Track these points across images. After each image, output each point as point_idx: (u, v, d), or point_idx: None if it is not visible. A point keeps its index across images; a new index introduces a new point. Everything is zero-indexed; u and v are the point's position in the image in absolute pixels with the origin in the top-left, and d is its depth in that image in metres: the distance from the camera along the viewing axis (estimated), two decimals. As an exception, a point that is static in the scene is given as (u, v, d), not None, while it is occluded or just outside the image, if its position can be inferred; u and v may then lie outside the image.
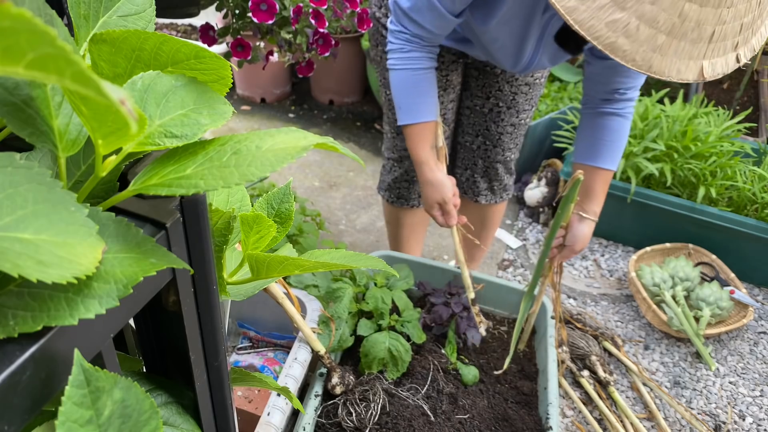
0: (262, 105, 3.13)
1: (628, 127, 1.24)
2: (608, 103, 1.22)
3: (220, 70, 0.42)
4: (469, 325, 1.34)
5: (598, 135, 1.24)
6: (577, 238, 1.27)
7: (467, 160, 1.55)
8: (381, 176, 1.65)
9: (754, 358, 1.72)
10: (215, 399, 0.50)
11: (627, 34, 0.77)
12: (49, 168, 0.38)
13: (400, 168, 1.54)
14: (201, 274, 0.42)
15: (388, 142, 1.53)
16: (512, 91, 1.40)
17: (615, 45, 0.77)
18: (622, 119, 1.23)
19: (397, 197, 1.61)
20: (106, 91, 0.22)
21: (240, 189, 0.65)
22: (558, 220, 1.23)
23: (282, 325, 1.33)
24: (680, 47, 0.78)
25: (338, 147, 0.43)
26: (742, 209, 1.95)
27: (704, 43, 0.79)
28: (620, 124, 1.23)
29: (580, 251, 1.32)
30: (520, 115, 1.45)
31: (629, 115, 1.23)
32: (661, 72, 0.79)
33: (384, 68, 1.38)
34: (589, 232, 1.28)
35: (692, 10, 0.75)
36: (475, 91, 1.42)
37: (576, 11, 0.76)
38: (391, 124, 1.48)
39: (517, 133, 1.48)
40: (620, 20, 0.76)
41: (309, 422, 1.06)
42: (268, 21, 1.09)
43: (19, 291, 0.30)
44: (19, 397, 0.28)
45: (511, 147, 1.51)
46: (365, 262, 0.60)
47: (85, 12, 0.43)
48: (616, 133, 1.23)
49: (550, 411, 1.18)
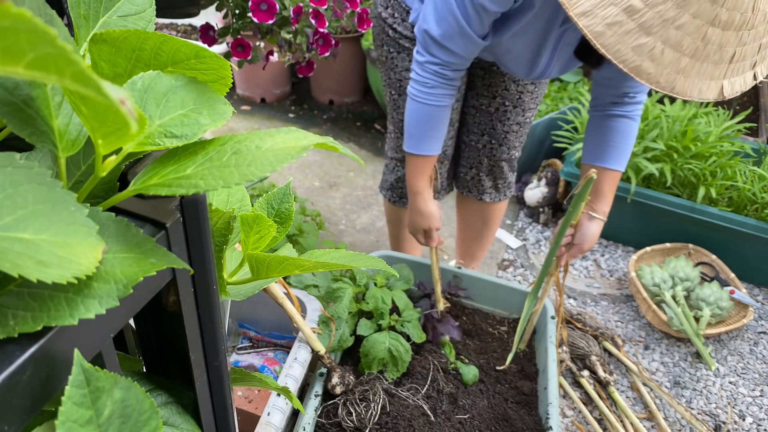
0: (262, 105, 3.13)
1: (636, 129, 1.25)
2: (617, 106, 1.24)
3: (220, 70, 0.42)
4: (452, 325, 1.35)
5: (607, 137, 1.26)
6: (586, 237, 1.29)
7: (472, 158, 1.55)
8: (383, 175, 1.65)
9: (754, 358, 1.72)
10: (215, 399, 0.50)
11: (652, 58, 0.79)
12: (49, 168, 0.38)
13: (403, 168, 1.54)
14: (201, 274, 0.42)
15: (392, 142, 1.53)
16: (518, 90, 1.40)
17: (640, 68, 0.79)
18: (631, 121, 1.24)
19: (399, 197, 1.61)
20: (107, 91, 0.22)
21: (240, 189, 0.65)
22: (569, 218, 1.24)
23: (282, 325, 1.33)
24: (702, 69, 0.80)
25: (338, 147, 0.43)
26: (742, 209, 1.95)
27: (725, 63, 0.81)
28: (628, 126, 1.24)
29: (588, 250, 1.34)
30: (525, 114, 1.45)
31: (637, 118, 1.24)
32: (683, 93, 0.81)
33: (389, 68, 1.38)
34: (597, 231, 1.30)
35: (715, 34, 0.78)
36: (480, 91, 1.42)
37: (603, 36, 0.78)
38: (395, 125, 1.48)
39: (522, 132, 1.49)
40: (646, 45, 0.78)
41: (309, 422, 1.06)
42: (268, 21, 1.09)
43: (19, 291, 0.30)
44: (19, 397, 0.28)
45: (516, 145, 1.51)
46: (365, 262, 0.60)
47: (85, 12, 0.43)
48: (624, 134, 1.25)
49: (550, 411, 1.18)
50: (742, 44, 0.80)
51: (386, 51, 1.37)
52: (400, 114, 1.43)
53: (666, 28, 0.77)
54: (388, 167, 1.60)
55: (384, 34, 1.35)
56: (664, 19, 0.76)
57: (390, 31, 1.32)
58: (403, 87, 1.38)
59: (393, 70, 1.38)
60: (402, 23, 1.30)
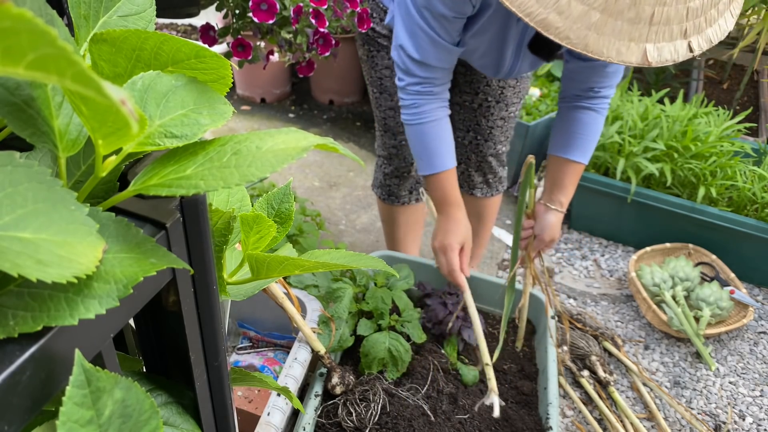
0: (262, 105, 3.13)
1: (601, 123, 1.26)
2: (582, 99, 1.25)
3: (220, 70, 0.42)
4: (464, 324, 1.34)
5: (572, 128, 1.27)
6: (544, 228, 1.29)
7: (460, 155, 1.56)
8: (375, 173, 1.66)
9: (754, 358, 1.72)
10: (215, 399, 0.50)
11: (559, 11, 0.75)
12: (49, 168, 0.38)
13: (390, 165, 1.56)
14: (201, 274, 0.42)
15: (378, 140, 1.55)
16: (500, 86, 1.41)
17: (547, 22, 0.75)
18: (596, 114, 1.25)
19: (388, 194, 1.62)
20: (107, 91, 0.22)
21: (240, 189, 0.65)
22: (520, 208, 1.25)
23: (282, 325, 1.33)
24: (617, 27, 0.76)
25: (338, 147, 0.43)
26: (742, 209, 1.95)
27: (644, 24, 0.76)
28: (593, 119, 1.25)
29: (552, 243, 1.31)
30: (509, 108, 1.46)
31: (603, 111, 1.25)
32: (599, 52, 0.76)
33: (370, 66, 1.40)
34: (556, 222, 1.29)
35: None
36: (463, 87, 1.44)
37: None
38: (379, 122, 1.50)
39: (507, 126, 1.50)
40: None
41: (309, 422, 1.06)
42: (268, 21, 1.09)
43: (19, 291, 0.30)
44: (19, 397, 0.28)
45: (502, 140, 1.52)
46: (365, 262, 0.60)
47: (85, 12, 0.43)
48: (588, 126, 1.25)
49: (550, 411, 1.18)
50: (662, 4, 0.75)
51: (366, 50, 1.38)
52: (382, 111, 1.45)
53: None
54: (377, 164, 1.62)
55: (364, 33, 1.36)
56: None
57: (369, 30, 1.33)
58: (384, 85, 1.40)
59: (373, 68, 1.39)
60: (380, 23, 1.31)
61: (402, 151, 1.52)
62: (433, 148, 1.21)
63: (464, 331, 1.33)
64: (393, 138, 1.49)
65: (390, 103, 1.42)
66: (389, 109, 1.44)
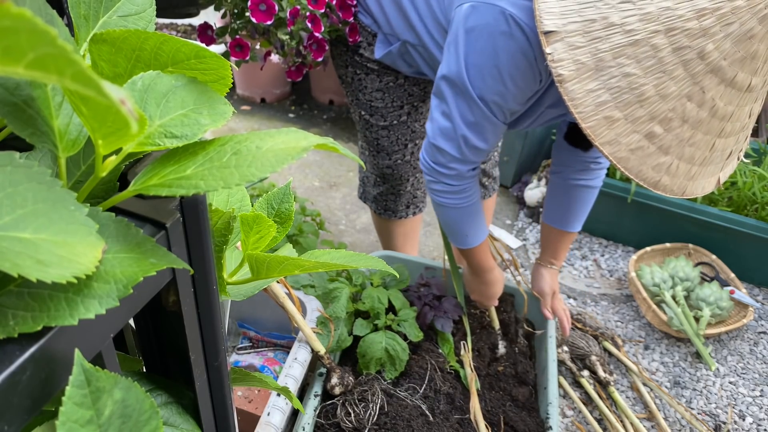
0: (262, 105, 3.13)
1: (596, 193, 1.30)
2: (583, 173, 1.25)
3: (220, 70, 0.42)
4: (437, 314, 1.34)
5: (572, 205, 1.29)
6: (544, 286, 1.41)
7: None
8: (363, 186, 1.60)
9: (754, 358, 1.72)
10: (215, 399, 0.50)
11: (669, 173, 0.85)
12: (49, 168, 0.38)
13: (385, 183, 1.51)
14: (201, 274, 0.42)
15: (369, 160, 1.49)
16: None
17: (658, 183, 0.86)
18: (594, 190, 1.28)
19: (385, 209, 1.58)
20: (107, 91, 0.22)
21: (240, 189, 0.65)
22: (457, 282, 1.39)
23: (282, 325, 1.33)
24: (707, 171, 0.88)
25: (338, 147, 0.43)
26: (742, 209, 1.95)
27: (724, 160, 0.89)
28: (592, 195, 1.28)
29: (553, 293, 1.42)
30: None
31: (600, 183, 1.28)
32: (692, 194, 0.89)
33: (356, 89, 1.34)
34: (553, 276, 1.42)
35: (721, 143, 0.85)
36: None
37: (627, 161, 0.83)
38: (369, 143, 1.43)
39: None
40: (664, 163, 0.84)
41: (308, 422, 1.06)
42: (266, 21, 1.09)
43: (19, 291, 0.30)
44: (19, 397, 0.28)
45: None
46: (365, 262, 0.60)
47: (85, 12, 0.43)
48: (587, 203, 1.29)
49: (550, 411, 1.18)
50: (738, 142, 0.88)
51: (352, 72, 1.32)
52: (374, 132, 1.39)
53: (681, 147, 0.83)
54: (369, 179, 1.56)
55: (347, 56, 1.30)
56: (680, 140, 0.82)
57: (356, 56, 1.27)
58: (375, 106, 1.34)
59: (362, 92, 1.33)
60: (368, 47, 1.25)
61: (398, 170, 1.46)
62: (476, 225, 1.19)
63: (437, 321, 1.33)
64: (387, 158, 1.43)
65: (383, 123, 1.36)
66: (383, 129, 1.38)
